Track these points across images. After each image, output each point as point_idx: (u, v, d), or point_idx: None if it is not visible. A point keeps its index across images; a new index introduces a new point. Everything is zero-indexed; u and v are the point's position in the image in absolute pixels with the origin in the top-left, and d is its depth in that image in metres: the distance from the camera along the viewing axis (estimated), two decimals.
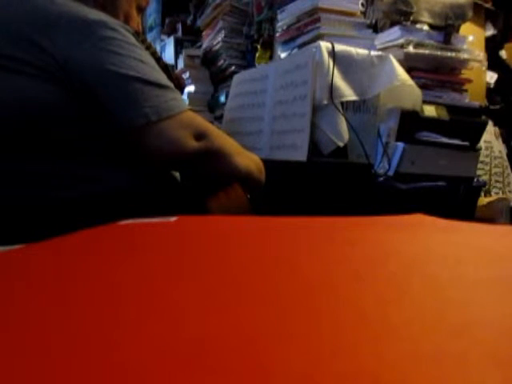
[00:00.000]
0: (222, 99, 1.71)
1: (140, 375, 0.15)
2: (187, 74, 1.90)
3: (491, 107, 1.83)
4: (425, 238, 0.39)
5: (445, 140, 1.14)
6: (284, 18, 1.24)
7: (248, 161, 0.70)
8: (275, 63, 1.23)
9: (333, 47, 0.98)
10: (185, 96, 1.82)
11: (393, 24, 1.25)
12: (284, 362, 0.15)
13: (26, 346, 0.17)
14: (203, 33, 1.95)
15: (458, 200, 1.14)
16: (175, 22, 2.22)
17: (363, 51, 1.03)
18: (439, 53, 1.22)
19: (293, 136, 1.01)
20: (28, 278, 0.27)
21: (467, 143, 1.18)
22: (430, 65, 1.23)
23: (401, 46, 1.20)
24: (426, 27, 1.26)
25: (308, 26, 1.15)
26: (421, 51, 1.20)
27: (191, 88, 1.89)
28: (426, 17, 1.26)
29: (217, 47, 1.80)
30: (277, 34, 1.32)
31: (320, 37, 1.11)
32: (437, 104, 1.19)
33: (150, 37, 2.47)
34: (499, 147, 1.85)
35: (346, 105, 1.01)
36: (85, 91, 0.60)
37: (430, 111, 1.16)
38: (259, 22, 1.58)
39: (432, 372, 0.15)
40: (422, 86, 1.16)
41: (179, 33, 2.15)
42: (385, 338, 0.17)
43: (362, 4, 1.22)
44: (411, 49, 1.19)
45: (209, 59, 1.90)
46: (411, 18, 1.23)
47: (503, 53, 2.09)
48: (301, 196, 0.97)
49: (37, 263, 0.31)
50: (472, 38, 1.34)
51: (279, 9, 1.29)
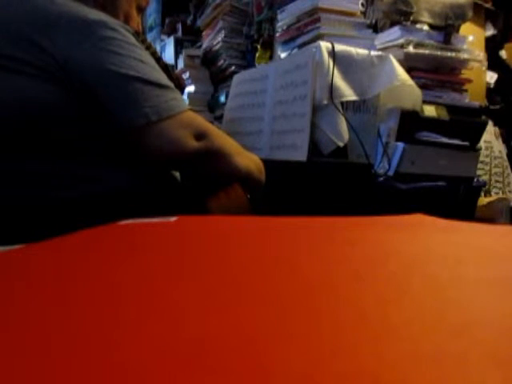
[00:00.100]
0: (222, 99, 1.71)
1: (140, 375, 0.15)
2: (187, 74, 1.90)
3: (491, 107, 1.83)
4: (425, 238, 0.39)
5: (445, 140, 1.14)
6: (284, 18, 1.24)
7: (248, 161, 0.70)
8: (275, 63, 1.23)
9: (333, 47, 0.98)
10: (185, 96, 1.82)
11: (393, 24, 1.25)
12: (284, 362, 0.15)
13: (26, 346, 0.17)
14: (203, 33, 1.95)
15: (458, 200, 1.14)
16: (175, 22, 2.22)
17: (363, 51, 1.03)
18: (439, 53, 1.22)
19: (293, 136, 1.01)
20: (28, 278, 0.27)
21: (467, 143, 1.18)
22: (430, 65, 1.23)
23: (401, 46, 1.20)
24: (426, 27, 1.26)
25: (308, 26, 1.16)
26: (421, 51, 1.20)
27: (191, 88, 1.89)
28: (426, 17, 1.26)
29: (217, 47, 1.80)
30: (277, 34, 1.32)
31: (320, 37, 1.11)
32: (437, 104, 1.19)
33: (150, 37, 2.47)
34: (499, 147, 1.85)
35: (346, 105, 1.01)
36: (85, 91, 0.60)
37: (430, 111, 1.16)
38: (259, 22, 1.58)
39: (432, 372, 0.15)
40: (422, 86, 1.16)
41: (179, 33, 2.15)
42: (385, 338, 0.17)
43: (362, 4, 1.22)
44: (411, 49, 1.19)
45: (209, 59, 1.90)
46: (411, 18, 1.23)
47: (503, 53, 2.10)
48: (301, 196, 0.97)
49: (37, 263, 0.31)
50: (472, 38, 1.34)
51: (279, 9, 1.29)
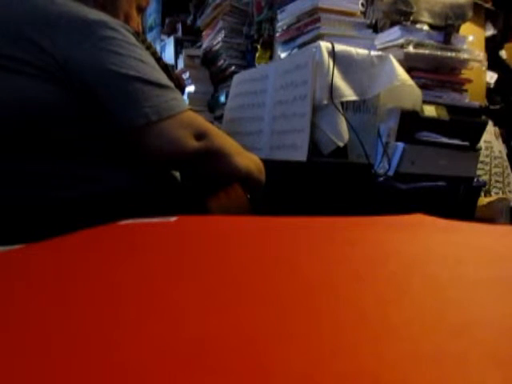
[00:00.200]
0: (222, 99, 1.71)
1: (140, 375, 0.15)
2: (187, 74, 1.90)
3: (491, 107, 1.83)
4: (425, 238, 0.39)
5: (445, 140, 1.14)
6: (284, 18, 1.24)
7: (248, 161, 0.70)
8: (275, 63, 1.23)
9: (333, 47, 0.98)
10: (185, 96, 1.82)
11: (393, 24, 1.25)
12: (284, 362, 0.15)
13: (26, 346, 0.17)
14: (203, 33, 1.95)
15: (458, 200, 1.14)
16: (175, 22, 2.22)
17: (363, 51, 1.03)
18: (439, 53, 1.22)
19: (293, 136, 1.01)
20: (28, 278, 0.27)
21: (467, 143, 1.18)
22: (430, 65, 1.23)
23: (401, 46, 1.20)
24: (426, 27, 1.26)
25: (308, 26, 1.16)
26: (421, 51, 1.20)
27: (191, 88, 1.89)
28: (426, 17, 1.26)
29: (217, 47, 1.80)
30: (277, 34, 1.32)
31: (320, 37, 1.11)
32: (437, 104, 1.19)
33: (150, 37, 2.47)
34: (499, 147, 1.85)
35: (346, 105, 1.01)
36: (85, 91, 0.60)
37: (430, 111, 1.16)
38: (259, 22, 1.58)
39: (432, 372, 0.15)
40: (422, 86, 1.16)
41: (179, 33, 2.15)
42: (385, 338, 0.17)
43: (362, 4, 1.22)
44: (411, 49, 1.19)
45: (209, 59, 1.90)
46: (411, 18, 1.23)
47: (503, 53, 2.10)
48: (301, 196, 0.97)
49: (37, 263, 0.31)
50: (472, 38, 1.34)
51: (279, 9, 1.29)
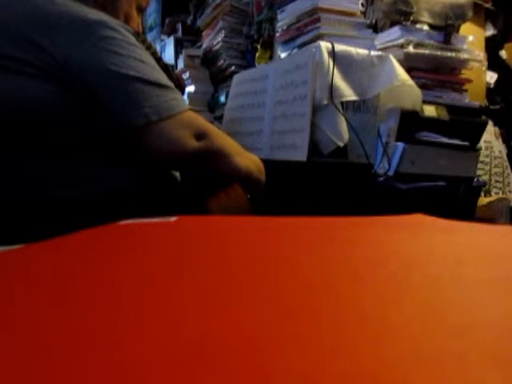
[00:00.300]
0: (222, 99, 1.71)
1: (140, 375, 0.15)
2: (187, 74, 1.90)
3: (491, 107, 1.83)
4: (425, 238, 0.39)
5: (445, 140, 1.14)
6: (284, 18, 1.24)
7: (248, 161, 0.70)
8: (275, 63, 1.23)
9: (333, 47, 0.98)
10: (185, 96, 1.82)
11: (393, 24, 1.25)
12: (284, 362, 0.15)
13: (26, 346, 0.17)
14: (203, 33, 1.95)
15: (458, 200, 1.14)
16: (175, 22, 2.22)
17: (363, 51, 1.03)
18: (439, 53, 1.22)
19: (293, 136, 1.01)
20: (28, 278, 0.27)
21: (467, 143, 1.18)
22: (430, 65, 1.23)
23: (401, 46, 1.20)
24: (426, 27, 1.26)
25: (308, 26, 1.16)
26: (421, 51, 1.20)
27: (191, 88, 1.89)
28: (426, 17, 1.26)
29: (217, 47, 1.80)
30: (277, 34, 1.32)
31: (320, 37, 1.11)
32: (437, 104, 1.19)
33: (150, 37, 2.47)
34: (499, 147, 1.85)
35: (346, 105, 1.01)
36: (85, 91, 0.60)
37: (430, 111, 1.16)
38: (259, 22, 1.58)
39: (432, 372, 0.15)
40: (422, 86, 1.16)
41: (179, 33, 2.15)
42: (385, 338, 0.17)
43: (362, 4, 1.22)
44: (411, 49, 1.19)
45: (209, 59, 1.90)
46: (411, 18, 1.23)
47: (503, 53, 2.10)
48: (301, 196, 0.97)
49: (37, 263, 0.31)
50: (472, 38, 1.34)
51: (279, 9, 1.29)
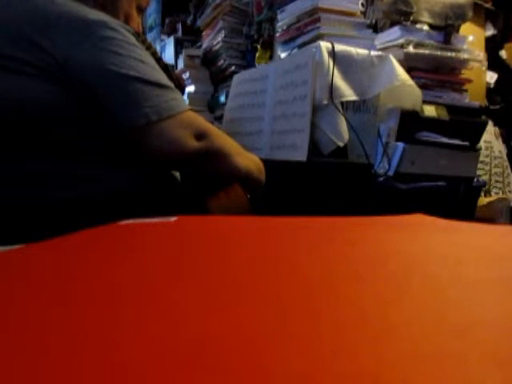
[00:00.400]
0: (222, 99, 1.71)
1: (140, 375, 0.15)
2: (187, 74, 1.90)
3: (491, 107, 1.83)
4: (425, 238, 0.39)
5: (445, 140, 1.14)
6: (284, 18, 1.24)
7: (248, 161, 0.70)
8: (275, 63, 1.23)
9: (333, 47, 0.98)
10: (185, 96, 1.82)
11: (393, 24, 1.25)
12: (284, 362, 0.15)
13: (26, 346, 0.17)
14: (203, 33, 1.95)
15: (458, 200, 1.14)
16: (175, 22, 2.22)
17: (363, 51, 1.03)
18: (439, 53, 1.22)
19: (293, 136, 1.01)
20: (28, 278, 0.27)
21: (467, 143, 1.18)
22: (430, 65, 1.23)
23: (401, 46, 1.20)
24: (426, 27, 1.26)
25: (308, 26, 1.15)
26: (421, 51, 1.20)
27: (191, 88, 1.89)
28: (426, 17, 1.26)
29: (217, 47, 1.80)
30: (277, 34, 1.32)
31: (320, 37, 1.11)
32: (437, 104, 1.19)
33: (150, 37, 2.47)
34: (499, 147, 1.86)
35: (346, 105, 1.01)
36: (85, 91, 0.60)
37: (430, 111, 1.16)
38: (259, 22, 1.58)
39: (432, 372, 0.15)
40: (422, 86, 1.16)
41: (179, 33, 2.15)
42: (385, 338, 0.17)
43: (362, 4, 1.22)
44: (411, 49, 1.19)
45: (209, 59, 1.90)
46: (411, 18, 1.23)
47: (503, 53, 2.10)
48: (301, 196, 0.97)
49: (37, 263, 0.31)
50: (472, 38, 1.34)
51: (279, 9, 1.29)
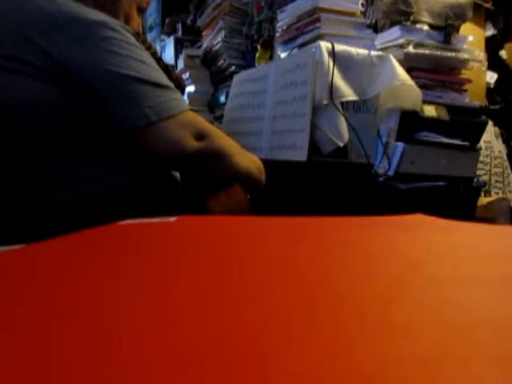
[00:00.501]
0: (222, 99, 1.71)
1: (140, 375, 0.15)
2: (187, 74, 1.90)
3: (491, 107, 1.83)
4: (425, 238, 0.39)
5: (445, 140, 1.14)
6: (284, 18, 1.24)
7: (248, 161, 0.70)
8: (275, 63, 1.23)
9: (333, 47, 0.98)
10: (185, 96, 1.83)
11: (393, 24, 1.25)
12: (284, 362, 0.15)
13: (27, 346, 0.17)
14: (203, 33, 1.95)
15: (458, 200, 1.14)
16: (175, 22, 2.22)
17: (363, 51, 1.03)
18: (439, 53, 1.22)
19: (293, 136, 1.01)
20: (28, 278, 0.27)
21: (467, 143, 1.18)
22: (430, 65, 1.23)
23: (401, 46, 1.20)
24: (426, 27, 1.26)
25: (308, 26, 1.15)
26: (421, 51, 1.20)
27: (191, 88, 1.89)
28: (426, 17, 1.26)
29: (217, 47, 1.80)
30: (277, 34, 1.32)
31: (320, 37, 1.11)
32: (437, 104, 1.19)
33: (150, 37, 2.47)
34: (499, 147, 1.86)
35: (346, 105, 1.01)
36: (85, 91, 0.60)
37: (430, 111, 1.16)
38: (259, 22, 1.58)
39: (432, 372, 0.15)
40: (422, 86, 1.16)
41: (179, 33, 2.15)
42: (385, 338, 0.17)
43: (362, 4, 1.22)
44: (411, 49, 1.19)
45: (209, 59, 1.90)
46: (411, 18, 1.23)
47: (503, 53, 2.10)
48: (301, 196, 0.97)
49: (37, 263, 0.31)
50: (472, 38, 1.34)
51: (279, 9, 1.29)
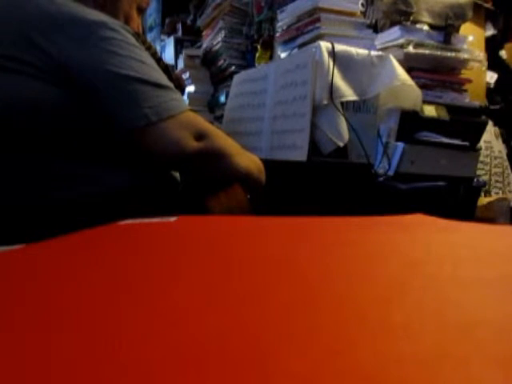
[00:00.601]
0: (222, 99, 1.71)
1: (140, 375, 0.15)
2: (187, 74, 1.90)
3: (491, 107, 1.83)
4: (425, 238, 0.39)
5: (445, 140, 1.14)
6: (284, 18, 1.24)
7: (248, 161, 0.70)
8: (275, 63, 1.23)
9: (333, 47, 0.98)
10: (185, 96, 1.83)
11: (393, 24, 1.25)
12: (284, 362, 0.15)
13: (27, 346, 0.17)
14: (203, 33, 1.95)
15: (458, 200, 1.14)
16: (175, 22, 2.22)
17: (363, 51, 1.03)
18: (439, 53, 1.22)
19: (293, 136, 1.01)
20: (28, 278, 0.27)
21: (467, 143, 1.18)
22: (430, 65, 1.23)
23: (401, 46, 1.20)
24: (426, 27, 1.26)
25: (308, 26, 1.15)
26: (421, 51, 1.20)
27: (191, 88, 1.89)
28: (426, 17, 1.26)
29: (217, 47, 1.80)
30: (277, 34, 1.32)
31: (320, 37, 1.11)
32: (437, 104, 1.19)
33: (150, 37, 2.48)
34: (499, 147, 1.86)
35: (346, 105, 1.01)
36: (85, 91, 0.60)
37: (430, 111, 1.16)
38: (259, 22, 1.58)
39: (432, 372, 0.15)
40: (422, 86, 1.16)
41: (179, 33, 2.15)
42: (385, 338, 0.17)
43: (362, 4, 1.22)
44: (411, 49, 1.19)
45: (209, 59, 1.90)
46: (411, 18, 1.23)
47: (503, 53, 2.10)
48: (301, 196, 0.97)
49: (37, 263, 0.31)
50: (472, 38, 1.34)
51: (279, 9, 1.29)
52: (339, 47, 0.99)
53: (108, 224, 0.42)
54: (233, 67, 1.73)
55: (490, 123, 1.73)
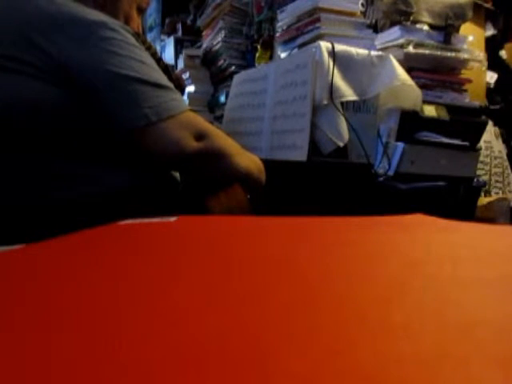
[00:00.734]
0: (222, 99, 1.71)
1: (140, 375, 0.15)
2: (187, 74, 1.90)
3: (491, 107, 1.83)
4: (425, 238, 0.39)
5: (445, 140, 1.14)
6: (284, 18, 1.24)
7: (248, 161, 0.70)
8: (275, 63, 1.23)
9: (333, 47, 0.98)
10: (185, 96, 1.83)
11: (393, 24, 1.25)
12: (284, 362, 0.15)
13: (27, 346, 0.17)
14: (203, 33, 1.95)
15: (458, 200, 1.14)
16: (175, 22, 2.22)
17: (363, 51, 1.03)
18: (439, 53, 1.22)
19: (293, 136, 1.01)
20: (28, 278, 0.27)
21: (467, 143, 1.18)
22: (430, 65, 1.23)
23: (401, 46, 1.20)
24: (426, 27, 1.26)
25: (308, 26, 1.15)
26: (421, 51, 1.20)
27: (191, 88, 1.89)
28: (426, 17, 1.26)
29: (217, 47, 1.80)
30: (277, 34, 1.32)
31: (320, 37, 1.11)
32: (437, 104, 1.19)
33: (150, 37, 2.48)
34: (499, 147, 1.86)
35: (346, 105, 1.01)
36: (85, 91, 0.60)
37: (430, 111, 1.16)
38: (259, 22, 1.58)
39: (432, 372, 0.15)
40: (422, 86, 1.16)
41: (179, 33, 2.15)
42: (385, 338, 0.17)
43: (362, 4, 1.22)
44: (411, 49, 1.19)
45: (209, 59, 1.90)
46: (411, 18, 1.23)
47: (503, 53, 2.10)
48: (301, 196, 0.97)
49: (37, 263, 0.31)
50: (472, 38, 1.34)
51: (279, 9, 1.29)
52: (339, 47, 0.99)
53: (108, 224, 0.42)
54: (233, 67, 1.73)
55: (490, 123, 1.73)
